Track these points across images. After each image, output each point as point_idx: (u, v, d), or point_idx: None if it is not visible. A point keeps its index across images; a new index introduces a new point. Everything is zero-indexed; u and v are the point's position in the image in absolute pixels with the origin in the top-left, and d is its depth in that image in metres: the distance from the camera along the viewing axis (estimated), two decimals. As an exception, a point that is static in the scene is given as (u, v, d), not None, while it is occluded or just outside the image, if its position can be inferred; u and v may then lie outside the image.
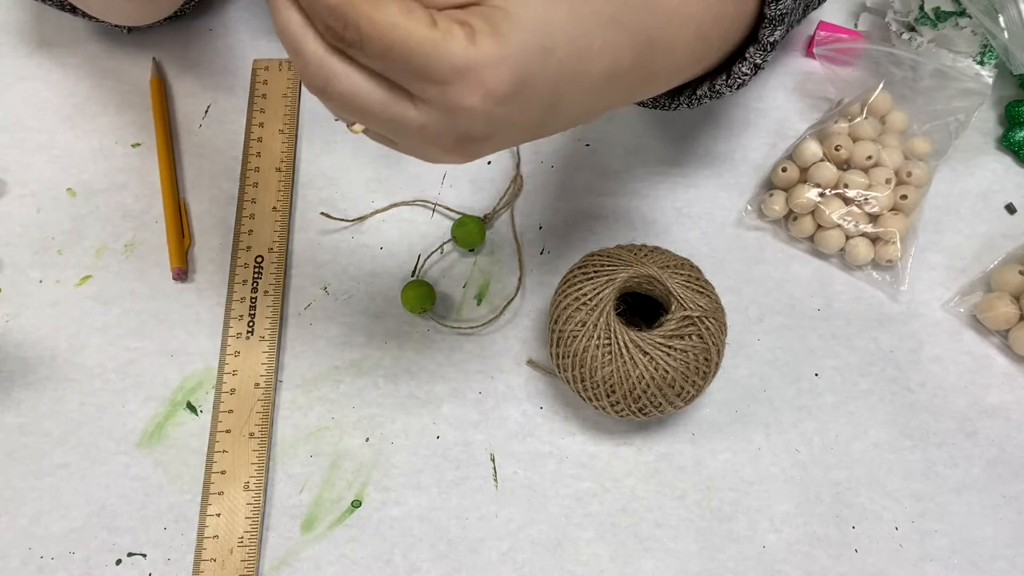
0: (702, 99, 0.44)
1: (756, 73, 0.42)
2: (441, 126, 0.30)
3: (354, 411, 0.47)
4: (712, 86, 0.43)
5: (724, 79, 0.43)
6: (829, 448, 0.46)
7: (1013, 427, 0.47)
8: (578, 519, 0.45)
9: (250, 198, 0.52)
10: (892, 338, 0.49)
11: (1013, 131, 0.54)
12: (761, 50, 0.41)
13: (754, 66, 0.42)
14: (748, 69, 0.42)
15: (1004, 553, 0.44)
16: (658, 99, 0.47)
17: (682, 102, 0.45)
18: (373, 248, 0.51)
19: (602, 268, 0.43)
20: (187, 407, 0.47)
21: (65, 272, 0.50)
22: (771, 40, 0.41)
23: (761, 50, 0.41)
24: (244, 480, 0.45)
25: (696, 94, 0.44)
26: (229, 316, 0.49)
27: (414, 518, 0.44)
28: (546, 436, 0.46)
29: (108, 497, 0.45)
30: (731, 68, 0.42)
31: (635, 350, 0.41)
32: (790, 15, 0.41)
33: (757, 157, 0.54)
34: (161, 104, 0.55)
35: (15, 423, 0.46)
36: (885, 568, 0.44)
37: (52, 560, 0.43)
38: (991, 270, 0.50)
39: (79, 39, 0.57)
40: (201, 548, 0.43)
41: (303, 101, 0.56)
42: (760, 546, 0.44)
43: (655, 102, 0.47)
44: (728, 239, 0.52)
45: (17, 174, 0.53)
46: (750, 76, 0.42)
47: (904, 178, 0.50)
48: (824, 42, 0.55)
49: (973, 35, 0.53)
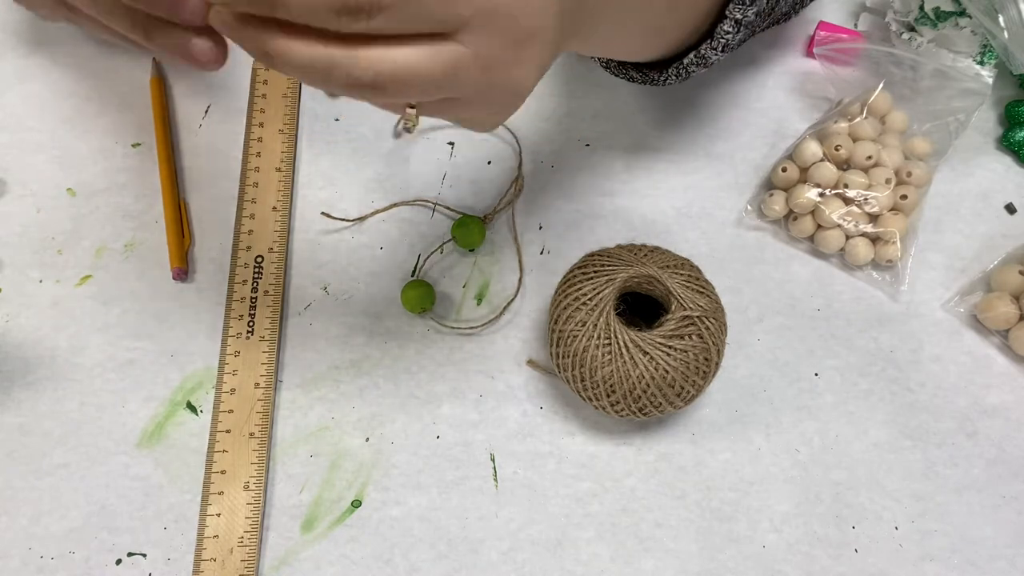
0: (690, 67, 0.44)
1: (739, 31, 0.42)
2: (492, 41, 0.29)
3: (354, 411, 0.47)
4: (698, 52, 0.44)
5: (709, 43, 0.43)
6: (829, 448, 0.46)
7: (1013, 427, 0.47)
8: (578, 519, 0.45)
9: (250, 198, 0.52)
10: (892, 338, 0.49)
11: (1013, 131, 0.54)
12: (740, 4, 0.42)
13: (735, 22, 0.42)
14: (730, 27, 0.42)
15: (1004, 553, 0.44)
16: (648, 71, 0.47)
17: (671, 74, 0.45)
18: (373, 248, 0.51)
19: (602, 268, 0.43)
20: (187, 407, 0.47)
21: (65, 272, 0.50)
22: None
23: (740, 4, 0.42)
24: (244, 480, 0.45)
25: (684, 63, 0.44)
26: (229, 316, 0.49)
27: (414, 518, 0.44)
28: (546, 436, 0.46)
29: (108, 497, 0.45)
30: (714, 30, 0.43)
31: (635, 350, 0.41)
32: None
33: (757, 157, 0.54)
34: (161, 104, 0.55)
35: (15, 423, 0.46)
36: (885, 568, 0.44)
37: (52, 560, 0.43)
38: (991, 270, 0.50)
39: (79, 39, 0.57)
40: (201, 548, 0.43)
41: (303, 101, 0.56)
42: (760, 546, 0.44)
43: (645, 75, 0.47)
44: (728, 239, 0.52)
45: (17, 174, 0.53)
46: (732, 35, 0.42)
47: (904, 178, 0.50)
48: (824, 42, 0.55)
49: (973, 35, 0.53)
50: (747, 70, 0.57)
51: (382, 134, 0.55)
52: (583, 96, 0.56)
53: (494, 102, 0.33)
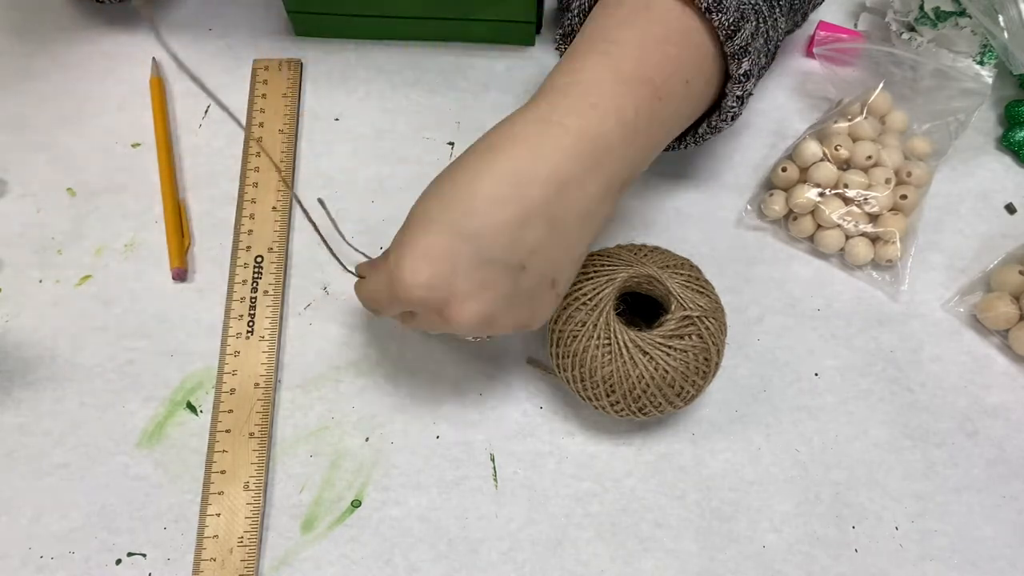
0: (705, 136, 0.47)
1: (744, 104, 0.45)
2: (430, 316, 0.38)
3: (354, 411, 0.47)
4: (710, 123, 0.46)
5: (717, 115, 0.45)
6: (829, 448, 0.46)
7: (1013, 427, 0.47)
8: (578, 519, 0.45)
9: (250, 198, 0.52)
10: (892, 338, 0.49)
11: (1013, 131, 0.54)
12: (737, 83, 0.43)
13: (737, 97, 0.44)
14: (733, 102, 0.44)
15: (1004, 553, 0.44)
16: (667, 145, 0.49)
17: (688, 142, 0.47)
18: (373, 248, 0.51)
19: (602, 268, 0.43)
20: (187, 407, 0.47)
21: (65, 272, 0.50)
22: (741, 72, 0.43)
23: (737, 83, 0.43)
24: (244, 480, 0.45)
25: (698, 133, 0.47)
26: (229, 316, 0.49)
27: (414, 518, 0.44)
28: (546, 436, 0.46)
29: (108, 497, 0.45)
30: (720, 104, 0.45)
31: (635, 350, 0.41)
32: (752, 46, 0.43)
33: (757, 157, 0.54)
34: (161, 104, 0.55)
35: (15, 423, 0.46)
36: (885, 568, 0.44)
37: (52, 560, 0.43)
38: (991, 270, 0.50)
39: (79, 39, 0.57)
40: (201, 548, 0.43)
41: (303, 101, 0.56)
42: (760, 546, 0.44)
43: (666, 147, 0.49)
44: (728, 239, 0.52)
45: (17, 174, 0.53)
46: (737, 107, 0.45)
47: (904, 178, 0.50)
48: (824, 42, 0.55)
49: (973, 35, 0.53)
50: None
51: (382, 134, 0.55)
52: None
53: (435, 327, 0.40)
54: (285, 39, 0.58)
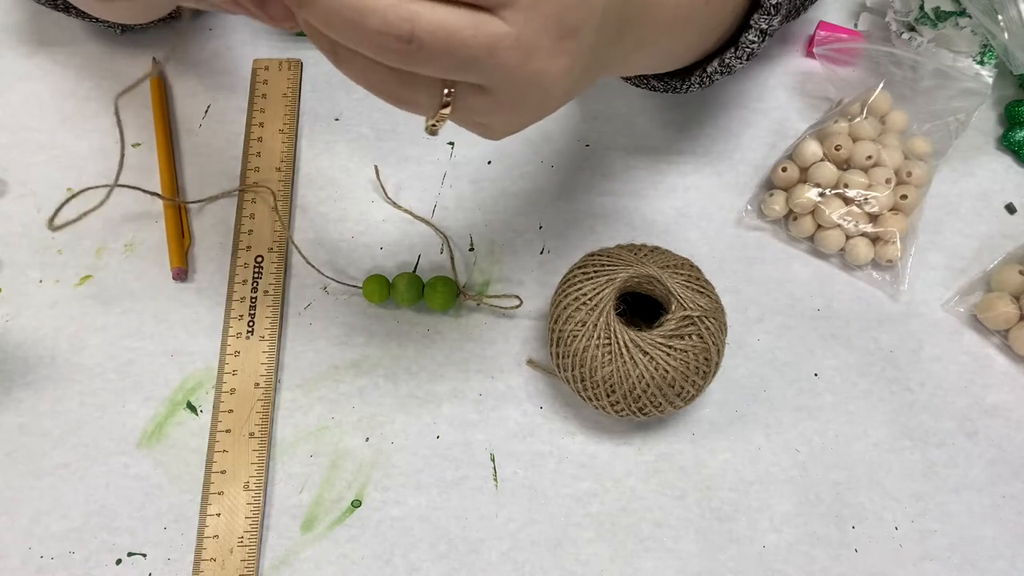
0: (713, 76, 0.44)
1: (764, 41, 0.42)
2: (535, 25, 0.29)
3: (354, 411, 0.47)
4: (722, 60, 0.44)
5: (733, 51, 0.43)
6: (829, 448, 0.46)
7: (1013, 427, 0.47)
8: (578, 519, 0.45)
9: (250, 198, 0.52)
10: (892, 338, 0.49)
11: (1013, 131, 0.54)
12: (766, 14, 0.42)
13: (760, 32, 0.42)
14: (755, 36, 0.42)
15: (1004, 553, 0.44)
16: (670, 80, 0.47)
17: (693, 82, 0.45)
18: (373, 248, 0.51)
19: (602, 268, 0.43)
20: (187, 407, 0.47)
21: (65, 272, 0.50)
22: (773, 3, 0.41)
23: (766, 14, 0.42)
24: (244, 480, 0.45)
25: (707, 71, 0.44)
26: (229, 316, 0.49)
27: (414, 518, 0.44)
28: (546, 436, 0.46)
29: (108, 497, 0.45)
30: (739, 39, 0.43)
31: (635, 350, 0.41)
32: None
33: (757, 157, 0.54)
34: (161, 104, 0.55)
35: (15, 423, 0.46)
36: (885, 568, 0.44)
37: (52, 560, 0.43)
38: (991, 270, 0.50)
39: (79, 39, 0.57)
40: (201, 548, 0.43)
41: (303, 101, 0.56)
42: (760, 546, 0.44)
43: (667, 84, 0.47)
44: (728, 239, 0.52)
45: (17, 174, 0.53)
46: (758, 44, 0.42)
47: (904, 178, 0.50)
48: (824, 42, 0.55)
49: (973, 35, 0.53)
50: (747, 70, 0.57)
51: (382, 134, 0.55)
52: (583, 96, 0.56)
53: (522, 100, 0.31)
54: (285, 39, 0.58)
